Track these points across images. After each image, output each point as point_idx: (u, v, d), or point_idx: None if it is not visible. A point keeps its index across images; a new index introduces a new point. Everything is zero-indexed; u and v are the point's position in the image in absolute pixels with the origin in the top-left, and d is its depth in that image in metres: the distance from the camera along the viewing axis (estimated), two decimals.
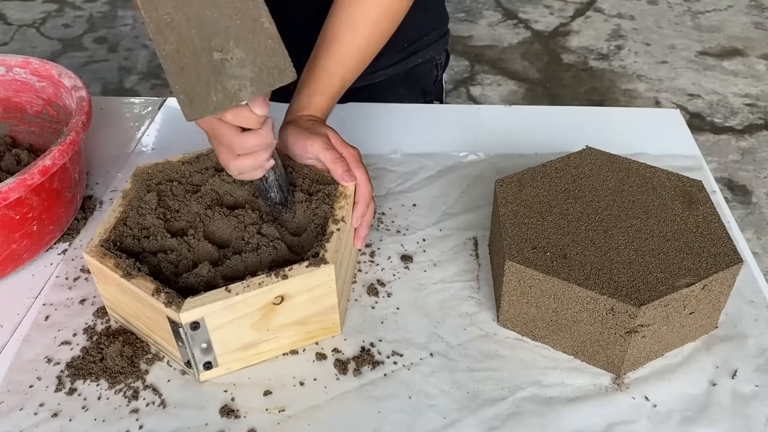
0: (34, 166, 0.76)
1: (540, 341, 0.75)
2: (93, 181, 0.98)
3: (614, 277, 0.68)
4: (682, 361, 0.73)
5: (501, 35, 3.20)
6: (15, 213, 0.77)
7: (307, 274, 0.68)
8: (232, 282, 0.67)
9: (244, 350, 0.71)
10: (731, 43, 3.12)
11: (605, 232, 0.73)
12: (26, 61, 0.96)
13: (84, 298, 0.80)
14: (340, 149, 0.80)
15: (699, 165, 1.00)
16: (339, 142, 0.82)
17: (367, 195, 0.80)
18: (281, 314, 0.70)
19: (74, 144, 0.81)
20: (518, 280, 0.71)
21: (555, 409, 0.69)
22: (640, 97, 2.78)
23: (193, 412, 0.68)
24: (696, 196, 0.77)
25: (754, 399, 0.69)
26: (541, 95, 2.81)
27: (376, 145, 1.04)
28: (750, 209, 2.25)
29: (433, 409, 0.69)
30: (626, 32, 3.22)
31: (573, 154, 0.84)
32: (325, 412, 0.68)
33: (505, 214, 0.76)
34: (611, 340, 0.69)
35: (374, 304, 0.79)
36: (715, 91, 2.81)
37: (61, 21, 3.31)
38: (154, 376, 0.72)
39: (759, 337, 0.75)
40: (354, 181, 0.79)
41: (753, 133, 2.58)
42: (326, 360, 0.73)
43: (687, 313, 0.70)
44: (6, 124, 1.00)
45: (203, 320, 0.66)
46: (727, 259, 0.69)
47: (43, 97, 0.97)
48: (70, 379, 0.71)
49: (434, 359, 0.73)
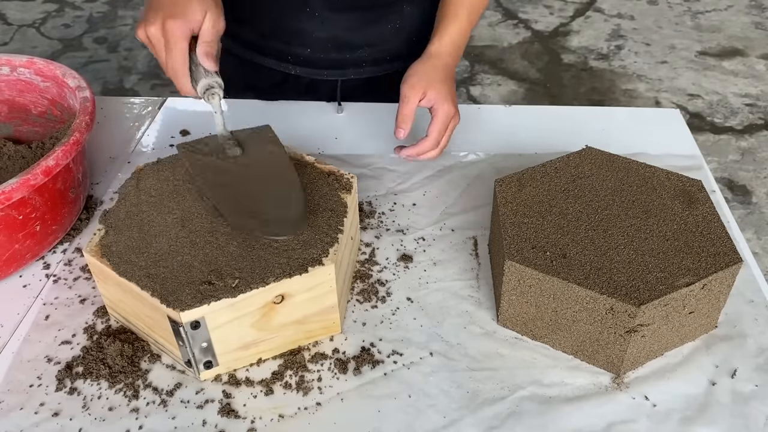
0: (38, 166, 0.76)
1: (540, 341, 0.75)
2: (93, 181, 0.99)
3: (614, 277, 0.68)
4: (681, 361, 0.73)
5: (501, 35, 3.20)
6: (18, 213, 0.77)
7: (308, 274, 0.68)
8: (233, 281, 0.67)
9: (244, 349, 0.71)
10: (731, 43, 3.12)
11: (605, 231, 0.73)
12: (30, 61, 0.96)
13: (84, 297, 0.80)
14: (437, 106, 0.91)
15: (699, 165, 1.00)
16: (444, 100, 0.91)
17: (428, 144, 0.91)
18: (281, 313, 0.70)
19: (77, 144, 0.81)
20: (518, 280, 0.71)
21: (555, 408, 0.69)
22: (640, 97, 2.78)
23: (193, 412, 0.69)
24: (696, 196, 0.77)
25: (753, 398, 0.69)
26: (541, 95, 2.81)
27: (377, 145, 1.04)
28: (750, 209, 2.25)
29: (433, 409, 0.69)
30: (626, 32, 3.22)
31: (573, 154, 0.84)
32: (325, 412, 0.68)
33: (504, 214, 0.76)
34: (611, 339, 0.69)
35: (374, 303, 0.79)
36: (715, 91, 2.81)
37: (61, 21, 3.31)
38: (154, 376, 0.72)
39: (759, 337, 0.75)
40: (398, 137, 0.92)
41: (753, 133, 2.58)
42: (326, 359, 0.73)
43: (686, 312, 0.70)
44: (10, 124, 1.00)
45: (203, 319, 0.66)
46: (726, 258, 0.69)
47: (48, 98, 0.97)
48: (71, 378, 0.71)
49: (434, 359, 0.73)
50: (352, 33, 1.07)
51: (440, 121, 0.90)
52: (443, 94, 0.91)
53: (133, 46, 3.10)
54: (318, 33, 1.07)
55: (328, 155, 1.00)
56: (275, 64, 1.12)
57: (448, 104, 0.90)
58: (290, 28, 1.07)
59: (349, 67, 1.11)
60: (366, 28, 1.08)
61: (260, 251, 0.70)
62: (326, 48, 1.09)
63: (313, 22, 1.05)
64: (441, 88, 0.91)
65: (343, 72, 1.12)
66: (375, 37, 1.09)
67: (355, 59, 1.10)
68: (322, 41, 1.08)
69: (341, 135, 1.06)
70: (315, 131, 1.06)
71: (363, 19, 1.06)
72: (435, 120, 0.90)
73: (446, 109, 0.90)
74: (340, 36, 1.07)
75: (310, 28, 1.06)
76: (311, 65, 1.11)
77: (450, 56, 0.96)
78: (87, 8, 3.42)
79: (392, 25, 1.08)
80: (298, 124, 1.08)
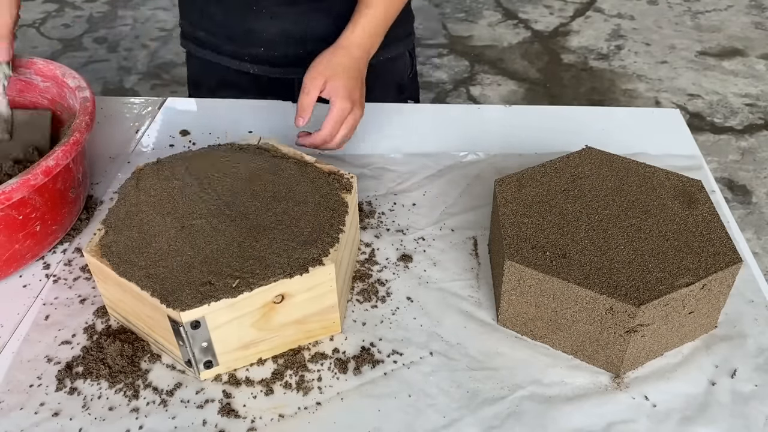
0: (38, 166, 0.76)
1: (539, 341, 0.75)
2: (93, 181, 0.99)
3: (614, 277, 0.68)
4: (681, 361, 0.73)
5: (501, 35, 3.20)
6: (18, 213, 0.77)
7: (308, 273, 0.68)
8: (233, 280, 0.67)
9: (244, 349, 0.71)
10: (731, 43, 3.12)
11: (605, 231, 0.73)
12: (31, 61, 0.96)
13: (84, 297, 0.80)
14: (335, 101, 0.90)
15: (699, 165, 1.00)
16: (340, 95, 0.90)
17: (321, 138, 0.92)
18: (281, 313, 0.70)
19: (77, 144, 0.81)
20: (518, 280, 0.71)
21: (554, 408, 0.69)
22: (640, 97, 2.78)
23: (193, 412, 0.69)
24: (695, 196, 0.77)
25: (753, 398, 0.69)
26: (541, 95, 2.81)
27: (376, 145, 1.04)
28: (750, 209, 2.25)
29: (433, 408, 0.69)
30: (626, 32, 3.22)
31: (573, 154, 0.84)
32: (325, 411, 0.68)
33: (504, 214, 0.76)
34: (611, 339, 0.69)
35: (374, 303, 0.79)
36: (715, 91, 2.80)
37: (61, 21, 3.31)
38: (154, 376, 0.72)
39: (758, 337, 0.75)
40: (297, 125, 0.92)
41: (753, 133, 2.58)
42: (326, 359, 0.73)
43: (686, 312, 0.70)
44: None
45: (204, 319, 0.66)
46: (726, 258, 0.69)
47: (48, 97, 0.97)
48: (71, 378, 0.71)
49: (434, 358, 0.73)
50: (302, 26, 1.08)
51: (334, 115, 0.91)
52: (341, 88, 0.91)
53: (133, 46, 3.10)
54: (267, 31, 1.08)
55: (328, 155, 1.00)
56: (235, 63, 1.14)
57: (344, 99, 0.90)
58: (240, 28, 1.09)
59: (305, 65, 1.00)
60: (314, 20, 1.07)
61: (260, 251, 0.70)
62: (278, 45, 1.09)
63: (262, 20, 1.07)
64: (341, 81, 0.91)
65: (299, 70, 1.02)
66: (325, 29, 1.04)
67: (309, 55, 1.01)
68: (273, 38, 1.09)
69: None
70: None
71: (310, 10, 1.06)
72: (329, 114, 0.91)
73: (340, 104, 0.90)
74: (289, 30, 1.08)
75: (259, 27, 1.08)
76: (267, 63, 1.12)
77: (359, 48, 0.95)
78: (87, 8, 3.42)
79: (341, 16, 1.02)
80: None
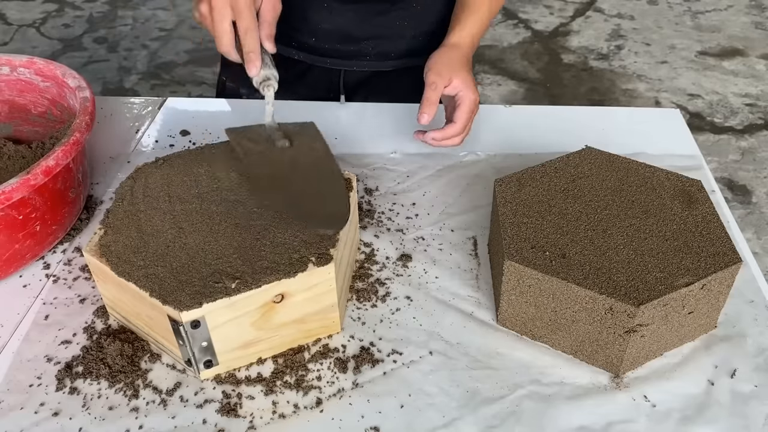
0: (38, 166, 0.76)
1: (539, 340, 0.75)
2: (93, 181, 0.99)
3: (613, 277, 0.68)
4: (681, 361, 0.73)
5: (501, 35, 3.20)
6: (18, 213, 0.78)
7: (308, 273, 0.68)
8: (233, 280, 0.67)
9: (244, 348, 0.71)
10: (731, 43, 3.12)
11: (604, 231, 0.73)
12: (31, 61, 0.96)
13: (84, 297, 0.80)
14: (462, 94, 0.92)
15: (699, 165, 1.00)
16: (471, 87, 0.92)
17: (455, 131, 0.91)
18: (281, 312, 0.70)
19: (78, 144, 0.81)
20: (517, 280, 0.71)
21: (554, 407, 0.69)
22: (640, 97, 2.78)
23: (193, 411, 0.69)
24: (695, 196, 0.77)
25: (753, 398, 0.69)
26: (541, 95, 2.81)
27: (376, 145, 1.04)
28: (750, 209, 2.25)
29: (433, 408, 0.69)
30: (626, 32, 3.22)
31: (572, 154, 0.84)
32: (325, 411, 0.69)
33: (504, 214, 0.76)
34: (610, 339, 0.69)
35: (374, 302, 0.79)
36: (715, 91, 2.81)
37: (61, 21, 3.31)
38: (154, 375, 0.72)
39: (758, 337, 0.75)
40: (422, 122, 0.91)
41: (753, 133, 2.58)
42: (326, 358, 0.73)
43: (686, 312, 0.70)
44: (10, 124, 1.00)
45: (204, 318, 0.66)
46: (726, 258, 0.69)
47: (48, 98, 0.97)
48: (71, 378, 0.71)
49: (434, 358, 0.73)
50: (359, 25, 1.08)
51: (467, 107, 0.91)
52: (468, 81, 0.92)
53: (133, 46, 3.10)
54: (325, 24, 1.08)
55: None
56: (280, 48, 1.14)
57: (474, 92, 0.92)
58: (298, 16, 1.09)
59: (352, 59, 1.12)
60: (373, 21, 1.08)
61: (260, 250, 0.70)
62: (331, 39, 1.10)
63: (322, 13, 1.07)
64: (466, 76, 0.92)
65: (345, 63, 1.13)
66: (381, 31, 1.10)
67: (358, 51, 1.11)
68: (328, 32, 1.09)
69: (341, 135, 1.06)
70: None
71: (371, 12, 1.07)
72: (462, 107, 0.91)
73: (472, 97, 0.91)
74: (346, 27, 1.09)
75: (317, 18, 1.08)
76: (315, 53, 1.13)
77: (468, 47, 0.98)
78: (87, 8, 3.42)
79: (400, 21, 1.09)
80: None
